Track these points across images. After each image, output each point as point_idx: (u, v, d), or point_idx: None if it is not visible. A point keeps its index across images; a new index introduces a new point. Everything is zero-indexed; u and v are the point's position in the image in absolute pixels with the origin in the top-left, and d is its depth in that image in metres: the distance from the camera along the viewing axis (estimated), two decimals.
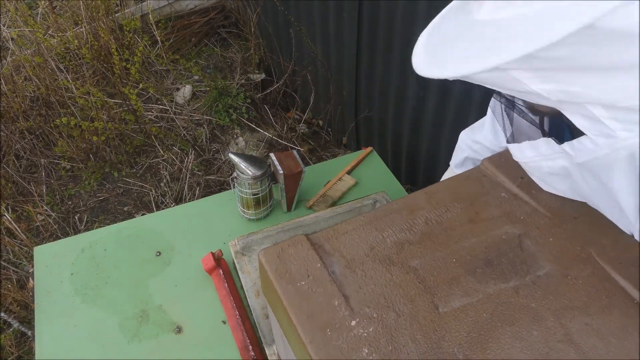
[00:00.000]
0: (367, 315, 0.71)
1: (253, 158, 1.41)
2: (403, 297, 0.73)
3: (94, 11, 2.97)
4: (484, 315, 0.70)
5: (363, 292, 0.73)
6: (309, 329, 0.69)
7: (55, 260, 1.39)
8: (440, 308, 0.71)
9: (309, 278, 0.75)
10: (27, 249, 2.22)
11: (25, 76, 2.86)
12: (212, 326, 1.25)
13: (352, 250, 0.79)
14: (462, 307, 0.71)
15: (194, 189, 2.57)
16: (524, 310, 0.71)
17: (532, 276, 0.75)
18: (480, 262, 0.77)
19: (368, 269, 0.76)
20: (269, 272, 0.76)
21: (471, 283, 0.74)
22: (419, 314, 0.71)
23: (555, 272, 0.75)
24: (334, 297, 0.72)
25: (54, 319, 1.26)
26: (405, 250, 0.79)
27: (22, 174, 2.63)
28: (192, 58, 3.33)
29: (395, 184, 1.63)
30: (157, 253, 1.41)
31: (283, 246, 0.80)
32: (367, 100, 2.42)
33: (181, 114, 2.94)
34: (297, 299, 0.72)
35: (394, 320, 0.70)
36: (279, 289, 0.74)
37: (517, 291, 0.73)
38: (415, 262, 0.77)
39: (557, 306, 0.71)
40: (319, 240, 0.81)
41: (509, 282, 0.74)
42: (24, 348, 1.99)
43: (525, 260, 0.77)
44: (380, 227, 0.82)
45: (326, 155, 2.83)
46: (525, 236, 0.80)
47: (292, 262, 0.77)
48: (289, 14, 2.66)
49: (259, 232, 1.35)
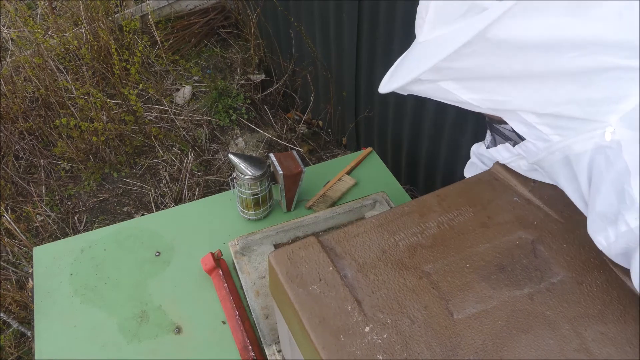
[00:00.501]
0: (381, 321, 0.69)
1: (253, 158, 1.41)
2: (417, 303, 0.72)
3: (94, 12, 2.97)
4: (498, 323, 0.69)
5: (376, 296, 0.72)
6: (322, 334, 0.68)
7: (54, 261, 1.39)
8: (455, 315, 0.70)
9: (320, 282, 0.73)
10: (26, 250, 2.22)
11: (24, 77, 2.85)
12: (211, 326, 1.25)
13: (363, 253, 0.78)
14: (477, 314, 0.70)
15: (194, 189, 2.57)
16: (539, 318, 0.70)
17: (546, 283, 0.74)
18: (494, 268, 0.76)
19: (380, 273, 0.75)
20: (280, 275, 0.75)
21: (485, 289, 0.73)
22: (434, 321, 0.70)
23: (570, 279, 0.74)
24: (347, 302, 0.71)
25: (53, 320, 1.26)
26: (418, 254, 0.78)
27: (22, 175, 2.63)
28: (192, 59, 3.33)
29: (395, 184, 1.63)
30: (157, 253, 1.41)
31: (294, 248, 0.78)
32: (367, 101, 2.42)
33: (181, 115, 2.94)
34: (309, 303, 0.71)
35: (408, 326, 0.69)
36: (290, 292, 0.73)
37: (532, 298, 0.72)
38: (428, 267, 0.76)
39: (572, 314, 0.70)
40: (330, 242, 0.80)
41: (523, 288, 0.73)
42: (23, 348, 1.99)
43: (539, 267, 0.76)
44: (392, 230, 0.81)
45: (326, 155, 2.83)
46: (539, 242, 0.79)
47: (303, 264, 0.76)
48: (288, 14, 2.66)
49: (258, 232, 1.35)
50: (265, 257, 1.33)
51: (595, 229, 0.73)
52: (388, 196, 1.46)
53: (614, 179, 0.66)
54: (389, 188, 1.55)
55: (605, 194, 0.67)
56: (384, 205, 1.44)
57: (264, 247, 1.35)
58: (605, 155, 0.66)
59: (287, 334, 0.84)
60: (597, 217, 0.72)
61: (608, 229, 0.71)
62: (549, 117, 0.67)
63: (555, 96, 0.64)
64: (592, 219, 0.73)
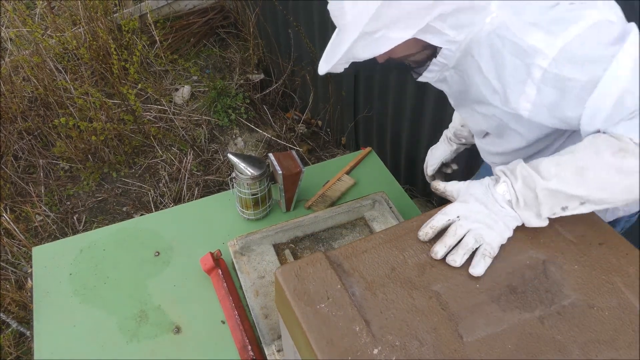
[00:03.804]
0: (389, 343, 0.68)
1: (252, 158, 1.41)
2: (426, 325, 0.70)
3: (93, 11, 2.97)
4: (508, 347, 0.68)
5: (384, 317, 0.71)
6: (329, 356, 0.67)
7: (53, 261, 1.39)
8: (464, 337, 0.69)
9: (328, 300, 0.72)
10: (25, 250, 2.22)
11: (23, 77, 2.85)
12: (211, 326, 1.25)
13: (372, 270, 0.77)
14: (487, 337, 0.69)
15: (193, 189, 2.57)
16: (550, 343, 0.69)
17: (557, 306, 0.73)
18: (504, 289, 0.75)
19: (389, 292, 0.74)
20: (287, 292, 0.74)
21: (495, 311, 0.72)
22: (443, 344, 0.68)
23: (581, 302, 0.73)
24: (355, 322, 0.70)
25: (52, 320, 1.26)
26: (427, 273, 0.76)
27: (21, 175, 2.63)
28: (191, 58, 3.33)
29: (394, 184, 1.63)
30: (156, 253, 1.41)
31: (301, 264, 0.77)
32: (366, 101, 2.42)
33: (180, 115, 2.94)
34: (317, 322, 0.70)
35: (417, 349, 0.68)
36: (297, 310, 0.71)
37: (542, 322, 0.71)
38: (437, 287, 0.75)
39: (583, 339, 0.69)
40: (338, 258, 0.78)
41: (533, 311, 0.72)
42: (22, 348, 1.99)
43: (550, 289, 0.75)
44: (401, 246, 0.80)
45: (325, 155, 2.83)
46: (550, 262, 0.78)
47: (311, 281, 0.74)
48: (288, 14, 2.66)
49: (257, 232, 1.35)
50: (265, 257, 1.33)
51: (516, 99, 0.88)
52: (387, 196, 1.47)
53: (511, 49, 0.84)
54: (388, 188, 1.55)
55: (510, 62, 0.85)
56: (383, 205, 1.44)
57: (264, 247, 1.35)
58: (497, 35, 0.85)
59: (292, 348, 0.83)
60: (512, 86, 0.87)
61: (525, 88, 0.85)
62: (449, 18, 0.86)
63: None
64: (509, 92, 0.88)
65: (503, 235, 0.80)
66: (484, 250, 0.78)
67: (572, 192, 0.78)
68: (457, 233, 0.79)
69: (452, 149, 1.47)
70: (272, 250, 1.34)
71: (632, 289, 0.74)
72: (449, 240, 0.79)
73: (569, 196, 0.78)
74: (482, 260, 0.77)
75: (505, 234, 0.80)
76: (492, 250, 0.78)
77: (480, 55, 0.89)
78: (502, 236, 0.80)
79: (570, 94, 0.81)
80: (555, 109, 0.85)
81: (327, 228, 1.42)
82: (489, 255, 0.77)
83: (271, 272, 1.29)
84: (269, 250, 1.34)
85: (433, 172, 1.52)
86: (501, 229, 0.80)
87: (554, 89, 0.83)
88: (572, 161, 0.79)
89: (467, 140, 1.43)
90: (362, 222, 1.44)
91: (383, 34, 0.86)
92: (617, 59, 0.77)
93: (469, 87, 0.99)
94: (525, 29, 0.82)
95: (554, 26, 0.81)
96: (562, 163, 0.79)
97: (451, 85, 1.04)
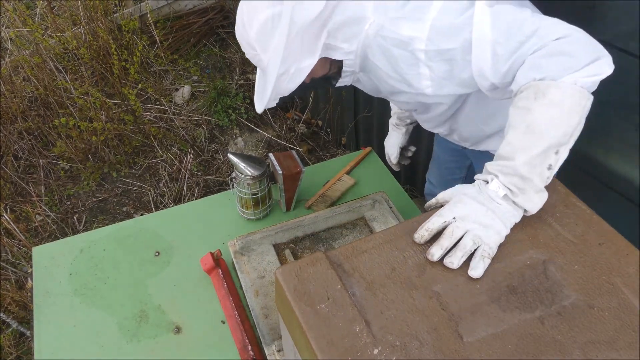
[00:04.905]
0: (390, 343, 0.68)
1: (252, 158, 1.41)
2: (426, 325, 0.70)
3: (93, 11, 2.97)
4: (509, 347, 0.68)
5: (385, 317, 0.71)
6: (329, 356, 0.67)
7: (54, 261, 1.39)
8: (464, 338, 0.69)
9: (328, 300, 0.72)
10: (25, 250, 2.22)
11: (23, 76, 2.85)
12: (211, 326, 1.25)
13: (372, 270, 0.77)
14: (487, 338, 0.69)
15: (193, 189, 2.57)
16: (550, 343, 0.69)
17: (557, 306, 0.73)
18: (505, 289, 0.74)
19: (389, 292, 0.74)
20: (287, 292, 0.74)
21: (495, 312, 0.72)
22: (443, 344, 0.68)
23: (581, 302, 0.73)
24: (355, 322, 0.70)
25: (52, 320, 1.26)
26: (427, 273, 0.76)
27: (21, 175, 2.63)
28: (191, 58, 3.33)
29: (394, 184, 1.63)
30: (156, 253, 1.41)
31: (301, 264, 0.77)
32: (366, 101, 2.42)
33: (180, 114, 2.94)
34: (317, 323, 0.70)
35: (418, 349, 0.68)
36: (297, 311, 0.71)
37: (543, 322, 0.71)
38: (437, 287, 0.75)
39: (583, 340, 0.69)
40: (338, 258, 0.78)
41: (534, 311, 0.72)
42: (22, 348, 1.99)
43: (550, 289, 0.74)
44: (401, 246, 0.80)
45: (325, 155, 2.83)
46: (550, 262, 0.78)
47: (311, 281, 0.74)
48: None
49: (258, 232, 1.35)
50: (265, 257, 1.33)
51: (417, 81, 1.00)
52: (387, 196, 1.47)
53: (394, 43, 0.97)
54: (388, 188, 1.55)
55: (398, 54, 0.98)
56: (383, 205, 1.44)
57: (264, 247, 1.35)
58: (380, 36, 0.98)
59: (292, 348, 0.83)
60: (409, 73, 0.99)
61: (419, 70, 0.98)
62: (338, 33, 1.00)
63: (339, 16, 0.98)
64: (409, 78, 1.00)
65: (501, 233, 0.80)
66: (483, 252, 0.77)
67: (539, 149, 0.81)
68: (454, 234, 0.79)
69: (402, 132, 1.61)
70: (272, 250, 1.34)
71: (632, 289, 0.74)
72: (446, 242, 0.79)
73: (541, 154, 0.82)
74: (481, 262, 0.77)
75: (503, 232, 0.80)
76: (491, 251, 0.78)
77: (374, 56, 1.02)
78: (500, 235, 0.80)
79: (456, 60, 0.94)
80: (452, 77, 0.98)
81: (327, 228, 1.42)
82: (488, 256, 0.77)
83: (271, 272, 1.29)
84: (269, 250, 1.34)
85: (397, 160, 1.64)
86: (499, 227, 0.80)
87: (442, 61, 0.96)
88: (517, 130, 0.85)
89: (411, 120, 1.58)
90: (362, 222, 1.44)
91: (296, 67, 1.00)
92: (475, 19, 0.91)
93: (378, 84, 1.12)
94: (395, 23, 0.97)
95: (416, 14, 0.95)
96: (512, 138, 0.85)
97: (365, 85, 1.18)
